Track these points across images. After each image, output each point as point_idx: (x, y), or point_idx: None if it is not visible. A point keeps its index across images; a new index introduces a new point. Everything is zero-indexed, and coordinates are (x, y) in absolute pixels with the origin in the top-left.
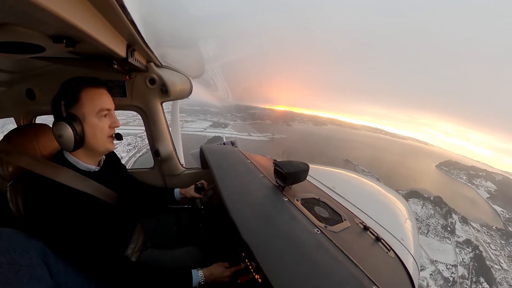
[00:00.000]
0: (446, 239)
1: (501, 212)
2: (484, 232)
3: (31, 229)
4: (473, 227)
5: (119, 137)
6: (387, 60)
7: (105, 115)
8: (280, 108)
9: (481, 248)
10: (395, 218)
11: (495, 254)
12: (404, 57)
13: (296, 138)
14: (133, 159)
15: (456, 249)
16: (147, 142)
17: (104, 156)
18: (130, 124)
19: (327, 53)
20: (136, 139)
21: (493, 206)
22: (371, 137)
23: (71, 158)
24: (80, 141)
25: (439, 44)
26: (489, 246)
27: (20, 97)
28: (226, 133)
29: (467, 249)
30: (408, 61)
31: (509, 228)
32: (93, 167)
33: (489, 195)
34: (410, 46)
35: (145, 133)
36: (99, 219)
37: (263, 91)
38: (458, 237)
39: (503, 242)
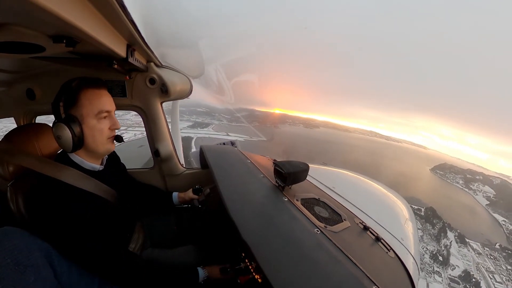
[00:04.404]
0: (436, 275)
1: (503, 223)
2: (487, 254)
3: (34, 229)
4: (473, 248)
5: (119, 139)
6: (385, 63)
7: (104, 117)
8: (276, 111)
9: (483, 286)
10: (395, 218)
11: None
12: (401, 60)
13: (276, 140)
14: None
15: None
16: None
17: (106, 155)
18: None
19: (324, 57)
20: None
21: (493, 215)
22: (364, 140)
23: (76, 157)
24: (78, 143)
25: (436, 47)
26: (493, 277)
27: (20, 97)
28: (200, 134)
29: None
30: (404, 64)
31: None
32: (97, 166)
33: (488, 202)
34: (406, 49)
35: (123, 128)
36: (103, 218)
37: (259, 93)
38: (452, 268)
39: (509, 268)
